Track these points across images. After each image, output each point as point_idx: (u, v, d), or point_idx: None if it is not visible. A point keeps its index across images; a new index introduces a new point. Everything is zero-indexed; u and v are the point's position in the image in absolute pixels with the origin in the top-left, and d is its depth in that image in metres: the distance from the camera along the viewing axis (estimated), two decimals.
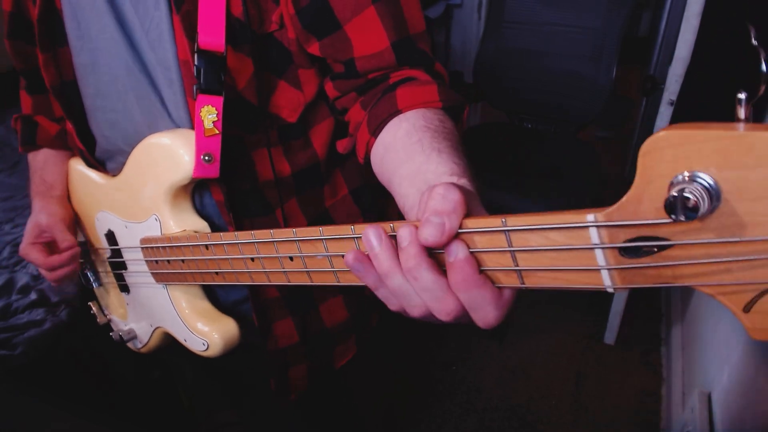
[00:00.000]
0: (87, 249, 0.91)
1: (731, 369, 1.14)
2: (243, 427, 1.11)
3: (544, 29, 2.01)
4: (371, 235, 0.40)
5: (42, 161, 0.88)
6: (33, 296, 1.20)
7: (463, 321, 0.40)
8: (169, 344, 0.87)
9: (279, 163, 0.72)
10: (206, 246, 0.62)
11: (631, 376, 1.84)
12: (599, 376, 1.85)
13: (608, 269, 0.32)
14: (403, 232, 0.38)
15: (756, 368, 1.02)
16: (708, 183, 0.27)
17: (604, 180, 2.00)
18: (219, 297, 0.80)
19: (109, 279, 0.91)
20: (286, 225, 0.75)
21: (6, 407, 1.06)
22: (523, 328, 2.06)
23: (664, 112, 1.50)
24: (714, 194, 0.27)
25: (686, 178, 0.27)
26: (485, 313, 0.38)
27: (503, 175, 1.88)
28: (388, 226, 0.40)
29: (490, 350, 1.98)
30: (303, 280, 0.51)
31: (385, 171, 0.56)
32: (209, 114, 0.63)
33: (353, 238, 0.44)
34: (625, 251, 0.31)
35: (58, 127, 0.87)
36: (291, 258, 0.51)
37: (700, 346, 1.48)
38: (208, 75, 0.61)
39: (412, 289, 0.39)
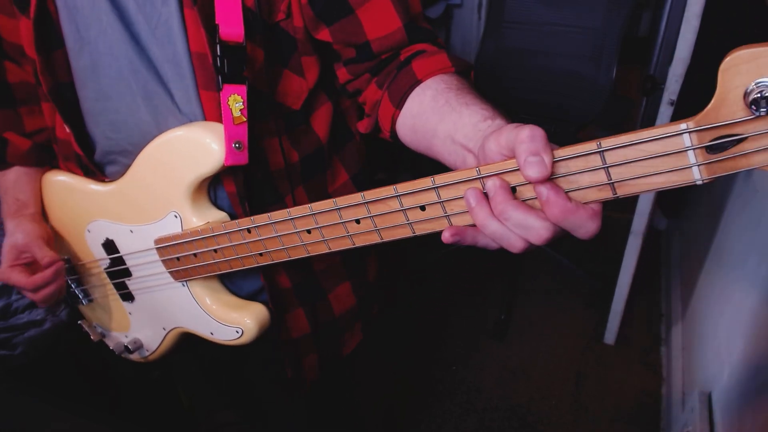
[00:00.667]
0: (72, 265, 0.88)
1: (731, 369, 1.14)
2: (243, 426, 1.11)
3: (544, 29, 2.00)
4: (469, 195, 0.46)
5: (13, 180, 0.85)
6: None
7: (560, 237, 0.46)
8: (180, 346, 0.87)
9: (288, 150, 0.74)
10: (248, 230, 0.64)
11: (631, 376, 1.84)
12: (599, 376, 1.85)
13: (698, 165, 0.40)
14: (489, 183, 0.45)
15: (756, 368, 1.02)
16: None
17: None
18: (231, 291, 0.80)
19: (103, 292, 0.89)
20: None
21: (6, 407, 1.06)
22: (523, 328, 2.06)
23: (664, 112, 1.50)
24: None
25: (758, 85, 0.35)
26: (586, 229, 0.44)
27: None
28: (474, 170, 0.46)
29: (490, 350, 1.98)
30: (372, 240, 0.55)
31: (420, 138, 0.61)
32: (236, 102, 0.64)
33: (433, 188, 0.49)
34: (709, 149, 0.39)
35: (30, 143, 0.84)
36: (358, 221, 0.54)
37: (700, 346, 1.48)
38: (232, 65, 0.63)
39: (507, 229, 0.45)
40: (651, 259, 2.30)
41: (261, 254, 0.65)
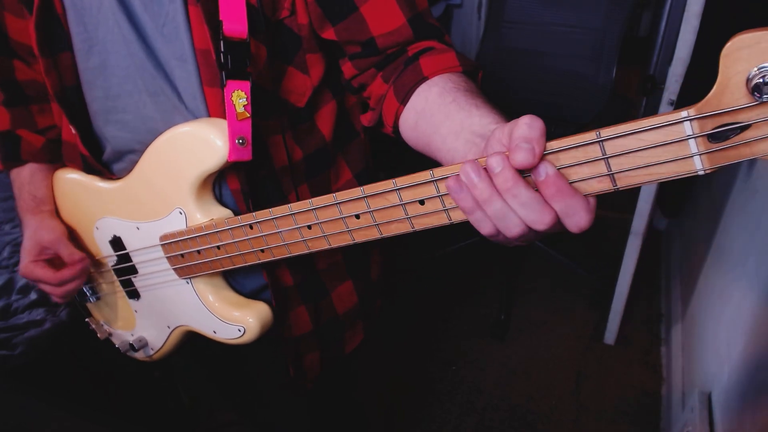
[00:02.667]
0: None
1: (731, 369, 1.14)
2: (244, 426, 1.11)
3: (544, 29, 2.01)
4: (469, 169, 0.43)
5: (29, 176, 0.85)
6: (33, 296, 1.20)
7: (555, 230, 0.44)
8: (184, 345, 0.87)
9: (292, 147, 0.75)
10: (250, 226, 0.64)
11: (631, 376, 1.84)
12: (599, 376, 1.85)
13: (699, 155, 0.39)
14: (494, 160, 0.43)
15: (756, 368, 1.02)
16: None
17: None
18: (235, 288, 0.80)
19: (110, 290, 0.90)
20: None
21: (6, 407, 1.06)
22: (524, 328, 2.06)
23: (664, 112, 1.50)
24: None
25: (761, 70, 0.34)
26: (579, 218, 0.42)
27: None
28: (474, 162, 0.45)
29: (490, 350, 1.98)
30: (371, 235, 0.55)
31: (421, 134, 0.61)
32: (240, 98, 0.65)
33: (432, 181, 0.48)
34: (711, 137, 0.38)
35: (43, 140, 0.85)
36: (358, 216, 0.54)
37: (700, 346, 1.48)
38: (235, 61, 0.64)
39: (510, 209, 0.43)
40: (651, 259, 2.30)
41: (263, 250, 0.65)
